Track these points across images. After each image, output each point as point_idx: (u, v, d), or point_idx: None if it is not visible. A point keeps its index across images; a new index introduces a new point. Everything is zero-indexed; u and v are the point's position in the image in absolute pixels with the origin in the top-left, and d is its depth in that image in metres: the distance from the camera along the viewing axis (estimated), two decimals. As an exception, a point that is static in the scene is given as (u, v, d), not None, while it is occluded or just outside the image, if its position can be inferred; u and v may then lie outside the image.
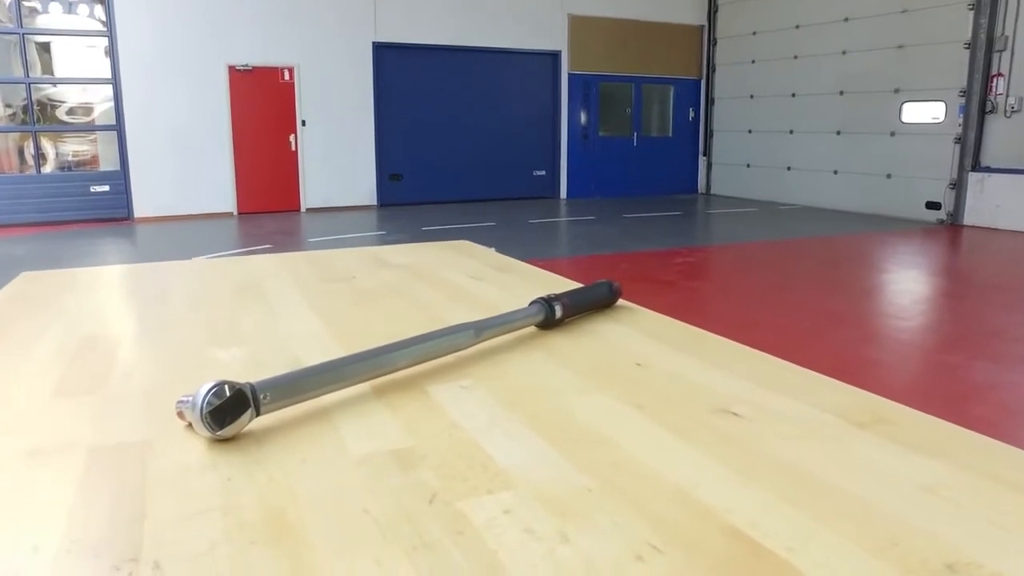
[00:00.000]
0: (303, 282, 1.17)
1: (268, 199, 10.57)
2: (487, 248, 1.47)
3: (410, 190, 11.45)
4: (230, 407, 0.56)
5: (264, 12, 10.10)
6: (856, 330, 4.66)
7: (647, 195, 12.88)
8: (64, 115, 9.76)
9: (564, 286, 1.01)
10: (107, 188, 9.83)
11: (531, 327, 0.87)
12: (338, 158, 10.88)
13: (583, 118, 12.58)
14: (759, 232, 9.09)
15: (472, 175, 11.88)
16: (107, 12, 9.48)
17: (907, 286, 6.26)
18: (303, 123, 10.57)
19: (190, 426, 0.58)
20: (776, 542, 0.43)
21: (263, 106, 10.33)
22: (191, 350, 0.82)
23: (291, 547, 0.42)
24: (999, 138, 9.17)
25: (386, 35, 10.85)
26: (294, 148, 10.61)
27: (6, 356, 0.80)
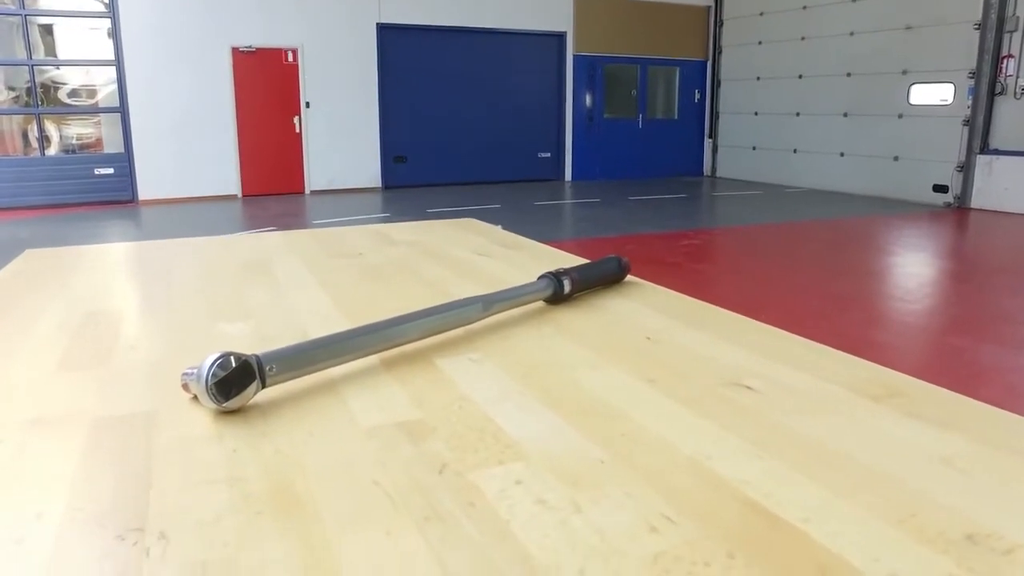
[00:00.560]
0: (310, 259, 1.16)
1: (272, 181, 10.55)
2: (493, 226, 1.46)
3: (415, 172, 11.42)
4: (236, 378, 0.55)
5: (267, -7, 10.05)
6: (863, 312, 4.64)
7: (652, 177, 12.82)
8: (67, 97, 9.73)
9: (571, 262, 1.00)
10: (111, 170, 9.81)
11: (539, 302, 0.86)
12: (342, 140, 10.84)
13: (588, 100, 12.49)
14: (765, 215, 9.04)
15: (477, 157, 11.83)
16: (110, -7, 9.44)
17: (914, 269, 6.23)
18: (307, 105, 10.52)
19: (195, 398, 0.57)
20: (792, 513, 0.42)
21: (267, 88, 10.28)
22: (197, 324, 0.81)
23: (299, 518, 0.42)
24: (1008, 120, 9.09)
25: (390, 16, 10.77)
26: (298, 130, 10.57)
27: (10, 332, 0.80)
